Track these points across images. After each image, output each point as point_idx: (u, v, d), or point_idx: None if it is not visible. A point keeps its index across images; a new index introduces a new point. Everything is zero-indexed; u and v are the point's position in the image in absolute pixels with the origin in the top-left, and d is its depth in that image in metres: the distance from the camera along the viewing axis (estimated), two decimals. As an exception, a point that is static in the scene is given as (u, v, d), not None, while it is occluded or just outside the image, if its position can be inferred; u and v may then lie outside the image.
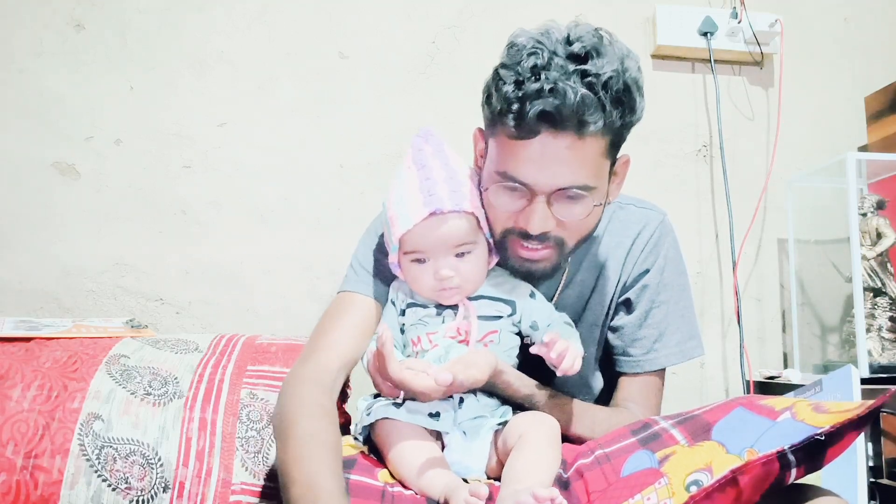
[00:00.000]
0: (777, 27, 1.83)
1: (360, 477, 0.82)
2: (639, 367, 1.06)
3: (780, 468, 0.68)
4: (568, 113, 0.82)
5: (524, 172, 0.87)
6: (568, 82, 0.82)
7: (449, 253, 0.92)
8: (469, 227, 0.92)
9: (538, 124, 0.84)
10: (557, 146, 0.85)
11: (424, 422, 0.88)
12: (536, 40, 0.87)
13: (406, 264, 0.95)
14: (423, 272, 0.93)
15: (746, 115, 1.89)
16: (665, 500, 0.70)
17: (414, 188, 0.92)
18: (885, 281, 1.64)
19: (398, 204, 0.93)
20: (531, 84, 0.83)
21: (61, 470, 1.00)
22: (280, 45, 1.70)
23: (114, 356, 1.17)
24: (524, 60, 0.85)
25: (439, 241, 0.91)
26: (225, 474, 1.05)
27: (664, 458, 0.76)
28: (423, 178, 0.92)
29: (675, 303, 1.07)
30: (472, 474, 0.89)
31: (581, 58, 0.84)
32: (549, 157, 0.86)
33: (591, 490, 0.79)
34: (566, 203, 0.89)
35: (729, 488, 0.68)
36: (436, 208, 0.89)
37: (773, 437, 0.71)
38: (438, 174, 0.92)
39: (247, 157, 1.66)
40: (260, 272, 1.64)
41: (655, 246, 1.07)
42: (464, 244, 0.92)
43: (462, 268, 0.92)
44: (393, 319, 0.99)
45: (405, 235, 0.91)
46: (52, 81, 1.60)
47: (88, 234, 1.58)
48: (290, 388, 0.91)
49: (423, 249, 0.92)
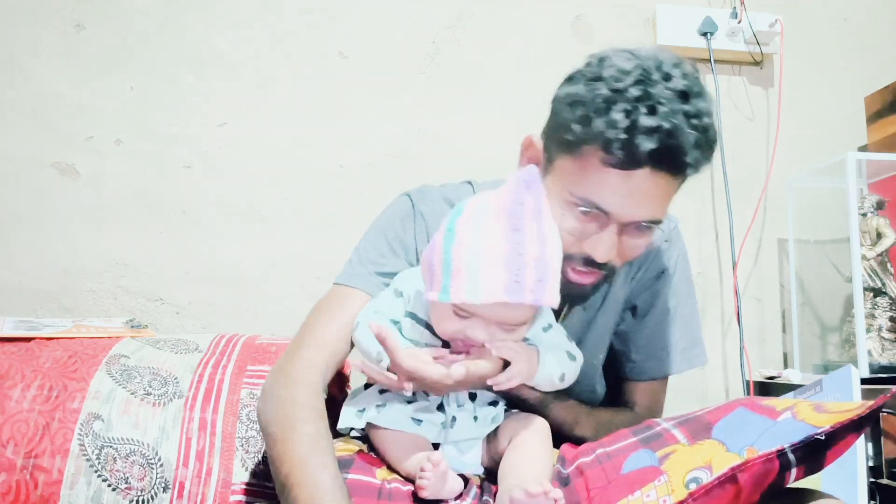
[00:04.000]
0: (777, 27, 1.83)
1: (358, 476, 0.82)
2: (643, 374, 1.06)
3: (779, 467, 0.68)
4: (678, 154, 0.81)
5: (611, 202, 0.84)
6: (681, 122, 0.80)
7: (495, 325, 0.84)
8: (532, 313, 0.85)
9: (645, 160, 0.81)
10: (652, 183, 0.83)
11: (407, 426, 0.87)
12: (642, 67, 0.82)
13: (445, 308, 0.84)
14: (457, 324, 0.84)
15: (746, 115, 1.89)
16: (664, 497, 0.70)
17: (498, 254, 0.79)
18: (885, 281, 1.64)
19: (474, 260, 0.79)
20: (646, 118, 0.79)
21: (61, 470, 1.00)
22: (280, 45, 1.70)
23: (114, 356, 1.17)
24: (632, 87, 0.80)
25: (497, 319, 0.83)
26: (225, 474, 1.05)
27: (664, 457, 0.76)
28: (513, 248, 0.79)
29: (681, 310, 1.07)
30: (467, 470, 0.89)
31: (685, 95, 0.81)
32: (641, 191, 0.83)
33: (591, 487, 0.79)
34: (635, 234, 0.88)
35: (728, 486, 0.68)
36: (517, 301, 0.79)
37: (774, 435, 0.71)
38: (531, 251, 0.80)
39: (247, 157, 1.66)
40: (260, 272, 1.64)
41: (666, 252, 1.06)
42: (517, 324, 0.85)
43: (499, 335, 0.85)
44: (393, 308, 0.93)
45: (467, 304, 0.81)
46: (52, 81, 1.60)
47: (88, 234, 1.58)
48: (281, 389, 0.89)
49: (474, 314, 0.83)
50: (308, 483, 0.77)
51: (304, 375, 0.90)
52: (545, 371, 0.88)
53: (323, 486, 0.76)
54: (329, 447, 0.82)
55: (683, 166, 0.83)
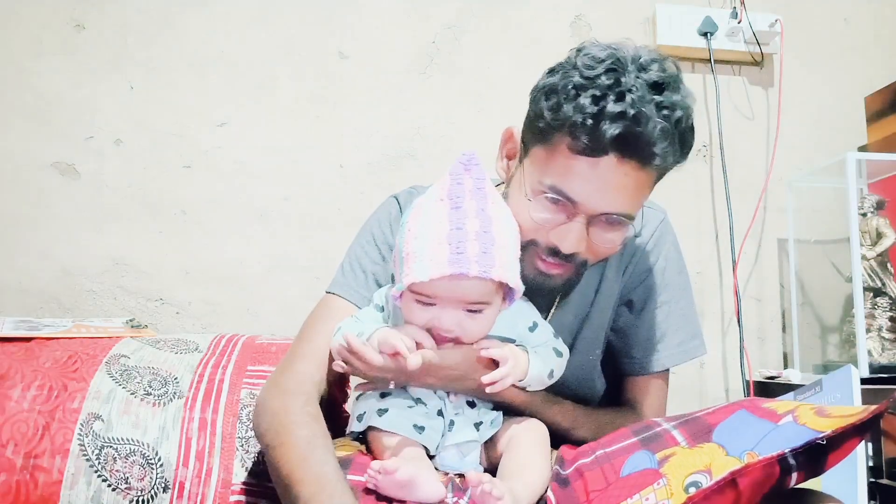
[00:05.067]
0: (777, 27, 1.83)
1: (355, 476, 0.82)
2: (642, 370, 1.06)
3: (780, 472, 0.68)
4: (644, 142, 0.81)
5: (578, 190, 0.85)
6: (649, 111, 0.81)
7: (459, 306, 0.84)
8: (488, 289, 0.84)
9: (610, 146, 0.81)
10: (619, 171, 0.83)
11: (408, 432, 0.86)
12: (616, 56, 0.83)
13: (408, 299, 0.86)
14: (425, 312, 0.85)
15: (746, 115, 1.89)
16: (664, 501, 0.70)
17: (442, 232, 0.81)
18: (885, 281, 1.64)
19: (419, 241, 0.82)
20: (613, 104, 0.80)
21: (61, 470, 1.00)
22: (280, 45, 1.70)
23: (114, 356, 1.17)
24: (603, 75, 0.82)
25: (453, 297, 0.83)
26: (225, 474, 1.05)
27: (664, 459, 0.76)
28: (454, 224, 0.82)
29: (676, 303, 1.07)
30: (467, 468, 0.89)
31: (659, 86, 0.83)
32: (608, 180, 0.84)
33: (591, 490, 0.79)
34: (604, 228, 0.88)
35: (728, 490, 0.67)
36: (460, 272, 0.79)
37: (774, 440, 0.71)
38: (472, 225, 0.81)
39: (247, 157, 1.66)
40: (260, 272, 1.64)
41: (656, 246, 1.06)
42: (478, 303, 0.85)
43: (468, 324, 0.86)
44: (375, 321, 0.94)
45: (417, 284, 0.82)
46: (52, 81, 1.60)
47: (88, 234, 1.58)
48: (274, 401, 0.89)
49: (433, 296, 0.84)
50: (310, 479, 0.77)
51: (298, 386, 0.91)
52: (535, 371, 0.89)
53: (326, 478, 0.76)
54: (328, 446, 0.82)
55: (650, 156, 0.83)
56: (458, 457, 0.88)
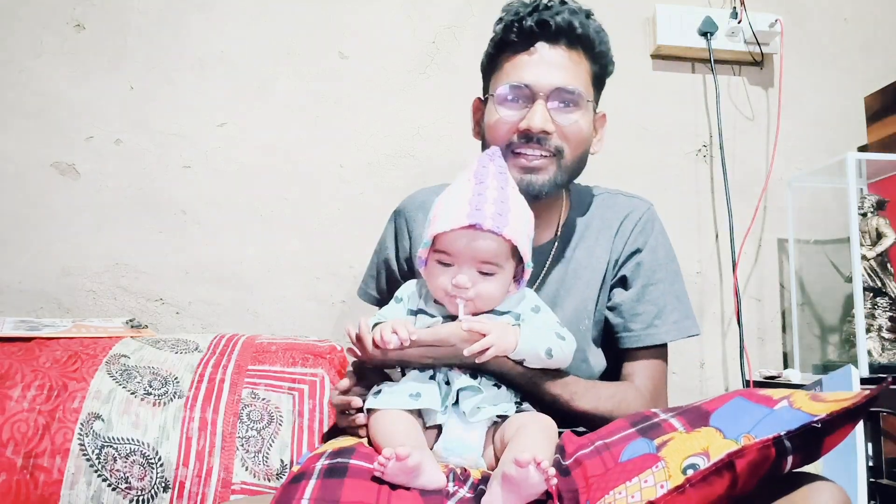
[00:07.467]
0: (777, 27, 1.83)
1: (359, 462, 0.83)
2: (640, 342, 1.11)
3: (776, 454, 0.69)
4: (561, 23, 1.05)
5: (526, 75, 1.06)
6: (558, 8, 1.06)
7: (473, 266, 0.93)
8: (500, 250, 0.93)
9: (536, 35, 1.05)
10: (553, 54, 1.06)
11: (405, 403, 0.91)
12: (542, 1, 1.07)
13: (432, 262, 0.96)
14: (444, 274, 0.95)
15: (746, 115, 1.89)
16: (662, 483, 0.71)
17: (464, 197, 0.94)
18: (885, 281, 1.64)
19: (444, 205, 0.96)
20: (528, 9, 1.06)
21: (61, 470, 1.00)
22: (280, 45, 1.70)
23: (114, 356, 1.17)
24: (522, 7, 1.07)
25: (468, 252, 0.93)
26: (225, 474, 1.06)
27: (662, 444, 0.77)
28: (476, 192, 0.94)
29: (669, 283, 1.14)
30: (469, 454, 0.91)
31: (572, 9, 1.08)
32: (547, 60, 1.06)
33: (590, 475, 0.80)
34: (563, 110, 1.06)
35: (725, 472, 0.69)
36: (476, 222, 0.91)
37: (770, 423, 0.72)
38: (491, 194, 0.94)
39: (247, 157, 1.66)
40: (260, 272, 1.64)
41: (644, 228, 1.15)
42: (490, 264, 0.93)
43: (481, 284, 0.94)
44: (395, 313, 1.01)
45: (440, 235, 0.94)
46: (52, 81, 1.60)
47: (88, 234, 1.58)
48: None
49: (451, 253, 0.94)
50: None
51: None
52: (527, 344, 0.93)
53: None
54: None
55: (574, 37, 1.06)
56: (462, 426, 0.90)
